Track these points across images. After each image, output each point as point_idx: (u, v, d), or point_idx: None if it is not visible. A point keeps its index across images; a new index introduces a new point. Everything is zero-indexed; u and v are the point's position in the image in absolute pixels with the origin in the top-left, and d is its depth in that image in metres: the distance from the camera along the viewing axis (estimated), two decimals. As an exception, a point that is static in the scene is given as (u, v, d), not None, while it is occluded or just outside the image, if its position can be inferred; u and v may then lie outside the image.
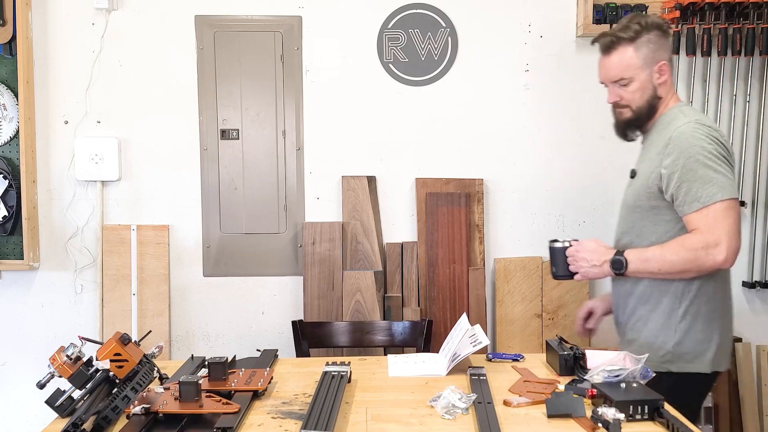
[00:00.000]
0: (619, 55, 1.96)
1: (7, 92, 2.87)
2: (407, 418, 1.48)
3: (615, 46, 1.96)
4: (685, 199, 1.83)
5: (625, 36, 1.95)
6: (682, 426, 1.37)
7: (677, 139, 1.86)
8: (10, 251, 2.91)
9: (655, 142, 1.98)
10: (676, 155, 1.85)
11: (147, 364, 1.56)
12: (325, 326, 2.58)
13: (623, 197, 2.09)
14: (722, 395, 2.99)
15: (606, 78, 2.01)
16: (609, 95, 2.02)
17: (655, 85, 1.98)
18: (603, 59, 2.01)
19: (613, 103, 2.02)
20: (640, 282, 1.94)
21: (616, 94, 2.00)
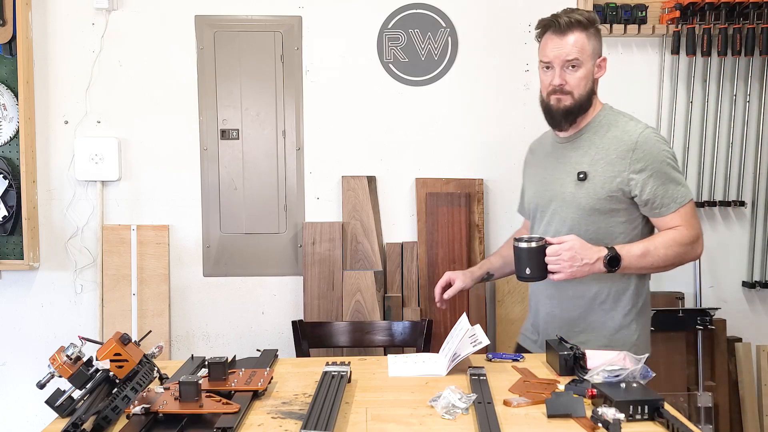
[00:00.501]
0: (575, 37, 1.90)
1: (7, 92, 2.87)
2: (407, 418, 1.48)
3: (572, 28, 1.90)
4: (662, 201, 1.89)
5: (582, 20, 1.91)
6: (682, 426, 1.37)
7: (645, 144, 1.90)
8: (10, 251, 2.91)
9: (601, 144, 1.95)
10: (648, 161, 1.89)
11: (147, 364, 1.56)
12: (325, 326, 2.58)
13: (569, 198, 1.96)
14: (722, 395, 2.99)
15: (557, 57, 1.91)
16: (555, 77, 1.92)
17: (594, 78, 1.98)
18: (556, 38, 1.91)
19: (558, 86, 1.92)
20: (593, 284, 1.95)
21: (562, 77, 1.92)
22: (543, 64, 1.96)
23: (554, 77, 1.93)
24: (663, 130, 3.00)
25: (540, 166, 2.12)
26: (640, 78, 3.00)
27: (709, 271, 3.06)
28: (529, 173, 2.21)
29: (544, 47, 1.95)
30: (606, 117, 2.00)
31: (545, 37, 1.95)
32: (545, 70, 1.96)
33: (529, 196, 2.16)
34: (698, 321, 2.92)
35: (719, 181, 3.03)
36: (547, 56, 1.93)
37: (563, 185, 1.99)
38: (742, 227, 3.07)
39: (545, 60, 1.94)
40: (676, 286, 3.05)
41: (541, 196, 2.06)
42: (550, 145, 2.11)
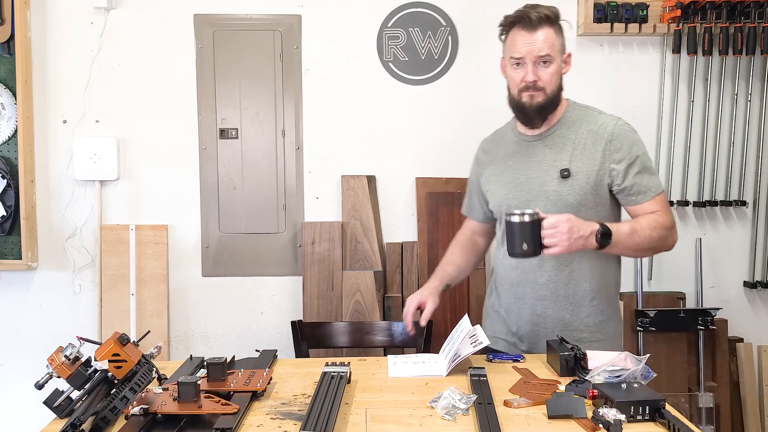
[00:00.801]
0: (545, 32, 1.88)
1: (6, 91, 2.86)
2: (407, 419, 1.47)
3: (542, 23, 1.88)
4: (640, 189, 1.92)
5: (551, 15, 1.90)
6: (683, 426, 1.36)
7: (621, 135, 1.94)
8: (8, 251, 2.90)
9: (577, 139, 1.95)
10: (626, 150, 1.93)
11: (146, 365, 1.55)
12: (325, 326, 2.57)
13: (554, 197, 1.93)
14: (723, 396, 2.98)
15: (530, 53, 1.88)
16: (528, 74, 1.89)
17: (562, 74, 1.97)
18: (526, 34, 1.88)
19: (531, 83, 1.89)
20: (582, 282, 1.96)
21: (535, 73, 1.89)
22: (513, 60, 1.91)
23: (527, 73, 1.90)
24: (664, 129, 3.00)
25: (506, 166, 2.04)
26: (641, 77, 3.00)
27: (711, 271, 3.05)
28: (492, 174, 2.09)
29: (513, 43, 1.91)
30: (575, 112, 2.01)
31: (513, 32, 1.92)
32: (515, 66, 1.92)
33: (497, 197, 2.05)
34: (699, 321, 2.92)
35: (721, 181, 3.02)
36: (519, 52, 1.89)
37: (544, 184, 1.95)
38: (744, 227, 3.06)
39: (517, 56, 1.90)
40: (678, 286, 3.05)
41: (517, 197, 1.99)
42: (514, 143, 2.05)
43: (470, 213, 2.25)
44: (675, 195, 3.02)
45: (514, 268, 2.02)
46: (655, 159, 3.02)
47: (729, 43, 2.90)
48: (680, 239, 3.01)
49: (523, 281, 2.01)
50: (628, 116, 2.97)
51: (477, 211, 2.20)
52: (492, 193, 2.08)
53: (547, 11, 1.89)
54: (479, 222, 2.22)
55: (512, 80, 1.95)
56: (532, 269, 1.99)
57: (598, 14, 2.89)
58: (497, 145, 2.12)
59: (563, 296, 1.98)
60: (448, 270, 2.18)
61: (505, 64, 1.98)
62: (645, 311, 2.92)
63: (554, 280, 1.97)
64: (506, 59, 1.95)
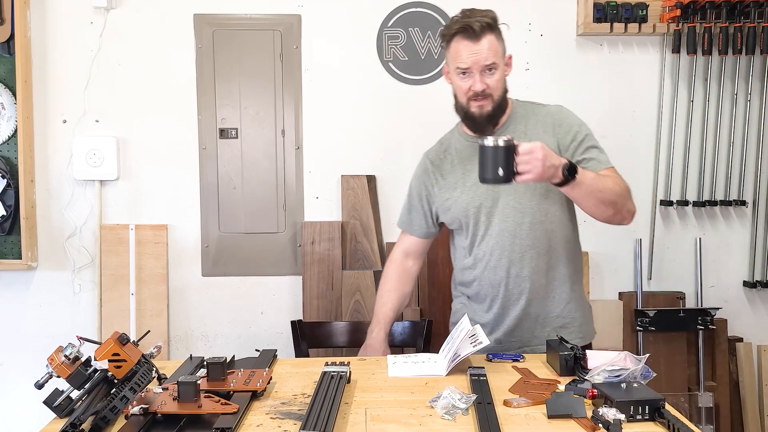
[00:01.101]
0: (488, 41, 1.87)
1: (6, 91, 2.86)
2: (407, 419, 1.47)
3: (484, 32, 1.87)
4: (591, 164, 1.91)
5: (492, 22, 1.90)
6: (683, 426, 1.36)
7: (567, 118, 1.98)
8: (8, 251, 2.90)
9: (528, 132, 1.97)
10: (575, 130, 1.95)
11: (145, 364, 1.55)
12: (325, 326, 2.57)
13: (522, 188, 1.93)
14: (723, 395, 2.98)
15: (476, 63, 1.88)
16: (476, 83, 1.89)
17: (506, 77, 1.98)
18: (470, 44, 1.88)
19: (480, 92, 1.90)
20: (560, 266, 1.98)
21: (483, 82, 1.90)
22: (459, 70, 1.91)
23: (475, 83, 1.90)
24: (664, 129, 3.00)
25: (465, 170, 2.01)
26: (641, 77, 3.00)
27: (710, 270, 3.05)
28: (450, 182, 2.05)
29: (457, 53, 1.90)
30: (521, 108, 2.03)
31: (456, 42, 1.90)
32: (462, 76, 1.92)
33: (463, 203, 2.01)
34: (699, 321, 2.92)
35: (720, 181, 3.03)
36: (465, 62, 1.89)
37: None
38: (744, 227, 3.06)
39: (463, 66, 1.89)
40: (677, 285, 3.05)
41: (484, 197, 1.97)
42: (466, 147, 2.03)
43: (410, 228, 2.18)
44: (675, 195, 3.02)
45: (493, 268, 1.99)
46: (655, 159, 3.02)
47: (729, 42, 2.90)
48: (680, 239, 3.05)
49: (504, 278, 1.98)
50: (628, 116, 3.02)
51: (419, 226, 2.15)
52: (454, 201, 2.03)
53: (487, 19, 1.89)
54: (419, 238, 2.17)
55: (459, 89, 1.94)
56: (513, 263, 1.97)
57: (597, 14, 2.89)
58: (447, 154, 2.09)
59: (545, 285, 1.99)
60: (389, 314, 2.16)
61: (449, 72, 1.97)
62: (645, 311, 2.92)
63: (536, 270, 1.97)
64: (451, 68, 1.95)
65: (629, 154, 3.03)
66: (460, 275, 2.12)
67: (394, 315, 2.17)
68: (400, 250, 2.21)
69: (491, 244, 1.99)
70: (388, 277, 2.21)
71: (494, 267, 1.99)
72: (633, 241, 3.01)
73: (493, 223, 1.98)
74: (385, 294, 2.19)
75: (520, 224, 1.95)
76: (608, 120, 2.99)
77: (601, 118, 2.99)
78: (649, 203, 3.04)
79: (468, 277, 2.07)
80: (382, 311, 2.16)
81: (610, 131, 2.99)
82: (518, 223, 1.95)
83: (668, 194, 3.02)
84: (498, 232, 1.97)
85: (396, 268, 2.20)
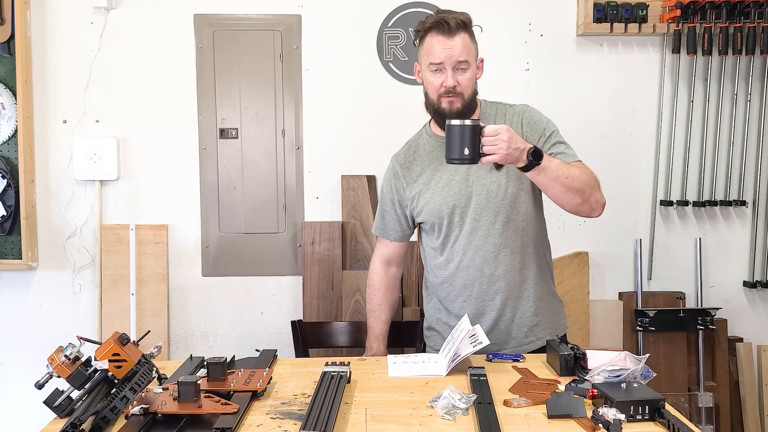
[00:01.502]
0: (461, 38, 1.88)
1: (6, 91, 2.86)
2: (407, 419, 1.47)
3: (458, 29, 1.88)
4: (558, 157, 1.91)
5: (466, 21, 1.91)
6: (683, 426, 1.36)
7: (533, 116, 1.99)
8: (8, 251, 2.90)
9: None
10: (541, 126, 1.97)
11: (146, 364, 1.55)
12: (325, 326, 2.57)
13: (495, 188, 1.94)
14: (723, 395, 2.98)
15: (449, 58, 1.88)
16: (448, 79, 1.89)
17: (476, 79, 1.99)
18: (444, 39, 1.88)
19: (451, 88, 1.90)
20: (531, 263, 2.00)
21: (455, 78, 1.90)
22: (433, 66, 1.90)
23: (447, 78, 1.89)
24: (664, 129, 3.00)
25: (436, 171, 2.01)
26: (641, 77, 3.00)
27: (710, 270, 3.05)
28: (422, 184, 2.03)
29: (430, 48, 1.90)
30: (489, 108, 2.04)
31: (431, 38, 1.90)
32: (434, 72, 1.91)
33: (436, 203, 1.99)
34: (699, 321, 2.92)
35: (720, 181, 3.03)
36: (438, 57, 1.88)
37: (482, 178, 1.95)
38: (744, 227, 3.06)
39: (436, 61, 1.89)
40: (677, 285, 3.05)
41: (458, 196, 1.96)
42: (436, 148, 2.02)
43: (384, 233, 2.15)
44: (675, 195, 3.02)
45: (466, 268, 1.98)
46: (655, 159, 3.02)
47: (729, 43, 2.90)
48: (680, 239, 3.05)
49: (477, 278, 1.98)
50: (628, 116, 3.02)
51: (393, 230, 2.12)
52: (427, 202, 2.01)
53: (462, 17, 1.90)
54: (396, 242, 2.15)
55: (431, 85, 1.94)
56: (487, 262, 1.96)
57: (597, 14, 2.89)
58: (416, 155, 2.08)
59: (519, 284, 1.99)
60: (383, 328, 2.19)
61: (421, 70, 1.97)
62: (645, 311, 2.92)
63: (510, 269, 1.97)
64: (423, 65, 1.95)
65: (629, 154, 3.03)
66: (432, 276, 2.10)
67: (389, 326, 2.21)
68: (379, 259, 2.20)
69: (463, 243, 1.98)
70: (375, 290, 2.20)
71: (467, 266, 1.98)
72: (633, 241, 3.01)
73: (466, 223, 1.97)
74: (377, 308, 2.20)
75: (493, 223, 1.95)
76: (608, 120, 3.00)
77: (601, 118, 3.00)
78: (649, 203, 3.04)
79: (439, 277, 2.05)
80: (378, 326, 2.19)
81: (610, 131, 3.00)
82: (491, 222, 1.95)
83: (668, 194, 3.02)
84: (470, 232, 1.96)
85: (381, 279, 2.19)
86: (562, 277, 2.92)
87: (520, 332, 2.00)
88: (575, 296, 2.94)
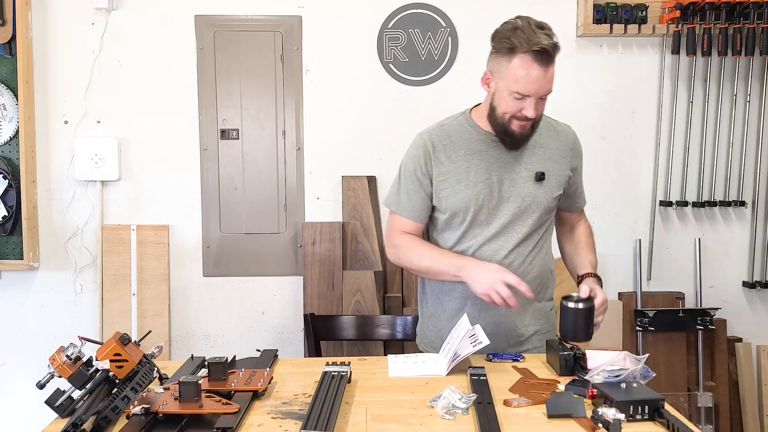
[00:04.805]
0: (553, 68, 1.79)
1: (7, 92, 2.87)
2: (407, 418, 1.47)
3: (554, 57, 1.77)
4: (582, 196, 2.10)
5: (558, 46, 1.78)
6: (682, 426, 1.37)
7: (577, 143, 2.03)
8: (9, 251, 2.91)
9: (544, 143, 1.94)
10: (579, 159, 2.04)
11: (147, 364, 1.56)
12: (336, 319, 2.54)
13: (530, 199, 1.91)
14: (723, 395, 2.99)
15: (539, 92, 1.78)
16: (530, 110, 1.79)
17: None
18: (540, 69, 1.75)
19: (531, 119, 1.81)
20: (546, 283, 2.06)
21: (537, 110, 1.81)
22: (518, 94, 1.78)
23: (528, 109, 1.79)
24: (663, 129, 3.01)
25: (472, 164, 1.91)
26: (641, 78, 3.00)
27: (710, 271, 3.06)
28: (452, 171, 1.92)
29: (521, 75, 1.76)
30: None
31: (524, 62, 1.76)
32: (515, 98, 1.79)
33: (462, 196, 1.90)
34: (698, 321, 2.93)
35: (719, 181, 3.03)
36: (528, 90, 1.77)
37: (521, 186, 1.91)
38: (743, 227, 3.07)
39: (524, 93, 1.77)
40: (677, 286, 3.05)
41: (488, 197, 1.90)
42: (478, 141, 1.93)
43: (411, 213, 1.96)
44: (674, 195, 3.03)
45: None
46: (655, 159, 3.03)
47: (728, 44, 2.91)
48: (680, 239, 3.05)
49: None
50: (627, 117, 3.02)
51: (420, 210, 1.96)
52: (455, 192, 1.91)
53: (557, 42, 1.77)
54: (421, 223, 1.98)
55: (507, 106, 1.82)
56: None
57: (597, 15, 2.90)
58: (451, 140, 1.94)
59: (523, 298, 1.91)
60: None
61: (495, 82, 1.85)
62: (644, 311, 2.93)
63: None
64: (502, 83, 1.81)
65: (629, 154, 3.03)
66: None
67: None
68: (399, 231, 1.98)
69: (480, 241, 1.92)
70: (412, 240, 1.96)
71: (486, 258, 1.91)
72: (632, 241, 3.02)
73: (490, 224, 1.92)
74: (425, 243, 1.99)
75: (515, 231, 1.92)
76: (608, 120, 3.00)
77: (601, 118, 3.00)
78: (648, 204, 3.04)
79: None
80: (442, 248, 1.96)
81: (610, 132, 3.01)
82: (514, 230, 1.92)
83: (668, 195, 3.02)
84: (492, 234, 1.92)
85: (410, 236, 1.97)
86: (562, 277, 2.91)
87: (517, 341, 1.99)
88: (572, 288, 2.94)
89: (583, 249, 2.07)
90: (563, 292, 2.10)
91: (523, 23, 1.78)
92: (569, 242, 2.13)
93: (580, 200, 2.10)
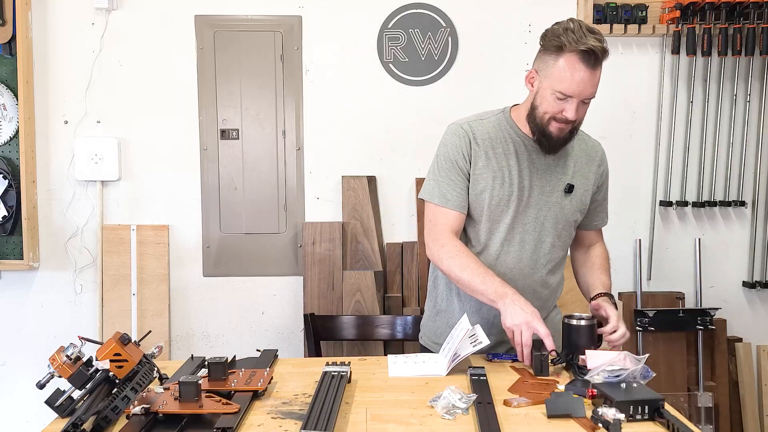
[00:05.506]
0: (599, 72, 1.75)
1: (7, 92, 2.87)
2: (407, 419, 1.47)
3: (602, 61, 1.75)
4: (603, 215, 2.07)
5: (607, 50, 1.74)
6: (682, 426, 1.37)
7: (605, 161, 2.02)
8: (9, 251, 2.91)
9: (575, 156, 1.94)
10: (605, 177, 2.03)
11: (147, 364, 1.56)
12: (336, 319, 2.55)
13: (557, 209, 1.90)
14: (722, 395, 2.99)
15: (581, 93, 1.74)
16: (571, 112, 1.75)
17: None
18: (587, 72, 1.72)
19: (572, 121, 1.78)
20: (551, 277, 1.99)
21: (579, 113, 1.78)
22: (561, 94, 1.75)
23: (570, 111, 1.76)
24: (663, 129, 3.01)
25: (508, 164, 1.88)
26: (641, 78, 3.01)
27: (710, 271, 3.06)
28: (486, 166, 1.88)
29: (567, 76, 1.73)
30: None
31: (571, 62, 1.72)
32: (558, 98, 1.76)
33: (489, 194, 1.88)
34: (699, 321, 2.93)
35: (719, 181, 3.03)
36: (572, 91, 1.73)
37: (550, 195, 1.90)
38: (743, 227, 3.07)
39: (568, 93, 1.74)
40: (677, 286, 3.05)
41: (518, 201, 1.88)
42: (517, 143, 1.90)
43: (457, 204, 1.89)
44: (674, 195, 3.03)
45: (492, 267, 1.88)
46: (655, 159, 3.03)
47: (728, 43, 2.91)
48: (679, 239, 3.05)
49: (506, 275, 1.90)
50: (627, 117, 3.02)
51: (466, 200, 1.90)
52: (489, 190, 1.88)
53: (606, 46, 1.73)
54: (465, 214, 1.92)
55: (549, 106, 1.78)
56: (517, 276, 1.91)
57: (597, 15, 2.90)
58: (497, 136, 1.91)
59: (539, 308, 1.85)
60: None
61: (539, 81, 1.81)
62: (644, 311, 2.93)
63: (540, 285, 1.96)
64: (546, 82, 1.78)
65: (629, 154, 3.03)
66: None
67: None
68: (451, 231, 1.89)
69: (502, 239, 1.90)
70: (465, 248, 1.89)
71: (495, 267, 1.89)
72: (633, 241, 3.02)
73: (515, 230, 1.90)
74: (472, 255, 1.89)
75: (540, 243, 1.92)
76: (608, 120, 3.00)
77: (600, 118, 2.99)
78: (648, 203, 3.04)
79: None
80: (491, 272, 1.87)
81: (610, 131, 3.01)
82: (538, 242, 1.92)
83: (668, 195, 3.03)
84: (513, 239, 1.91)
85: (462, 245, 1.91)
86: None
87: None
88: (575, 296, 2.94)
89: (597, 270, 2.02)
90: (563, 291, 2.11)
91: (575, 25, 1.76)
92: (584, 264, 2.08)
93: (599, 220, 2.06)
